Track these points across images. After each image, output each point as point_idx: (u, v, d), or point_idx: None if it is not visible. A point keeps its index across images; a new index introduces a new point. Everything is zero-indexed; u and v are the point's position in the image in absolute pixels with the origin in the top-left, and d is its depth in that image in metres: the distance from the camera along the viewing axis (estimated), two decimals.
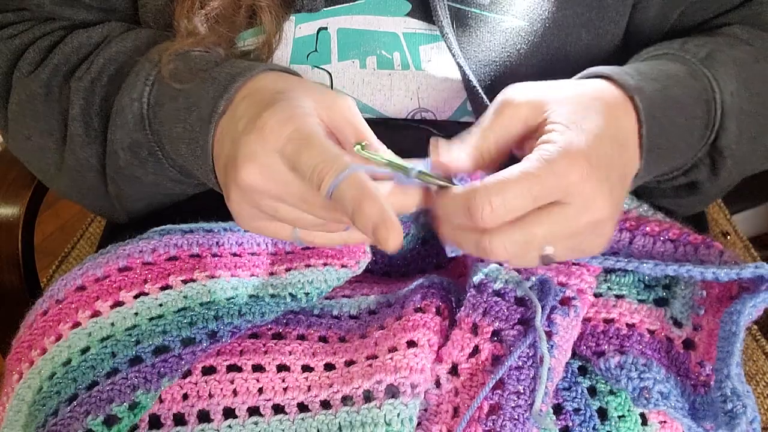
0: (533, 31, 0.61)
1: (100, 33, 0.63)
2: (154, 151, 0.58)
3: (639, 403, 0.49)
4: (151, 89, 0.57)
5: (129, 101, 0.57)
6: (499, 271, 0.52)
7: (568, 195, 0.45)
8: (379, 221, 0.43)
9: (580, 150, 0.46)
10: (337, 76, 0.63)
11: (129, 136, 0.58)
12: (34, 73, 0.62)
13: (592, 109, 0.49)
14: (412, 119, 0.65)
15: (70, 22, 0.66)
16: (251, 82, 0.52)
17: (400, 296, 0.55)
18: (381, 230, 0.43)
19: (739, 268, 0.49)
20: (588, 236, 0.48)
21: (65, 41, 0.63)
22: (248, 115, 0.49)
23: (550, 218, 0.46)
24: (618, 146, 0.49)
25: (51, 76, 0.61)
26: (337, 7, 0.62)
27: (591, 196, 0.46)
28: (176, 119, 0.54)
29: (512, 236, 0.45)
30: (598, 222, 0.47)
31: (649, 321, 0.52)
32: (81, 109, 0.59)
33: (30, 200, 0.81)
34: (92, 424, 0.47)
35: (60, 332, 0.52)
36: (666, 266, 0.51)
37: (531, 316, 0.50)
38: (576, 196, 0.46)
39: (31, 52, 0.63)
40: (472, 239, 0.47)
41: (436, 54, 0.62)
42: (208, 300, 0.53)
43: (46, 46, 0.63)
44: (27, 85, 0.62)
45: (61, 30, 0.65)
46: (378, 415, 0.46)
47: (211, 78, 0.53)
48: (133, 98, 0.57)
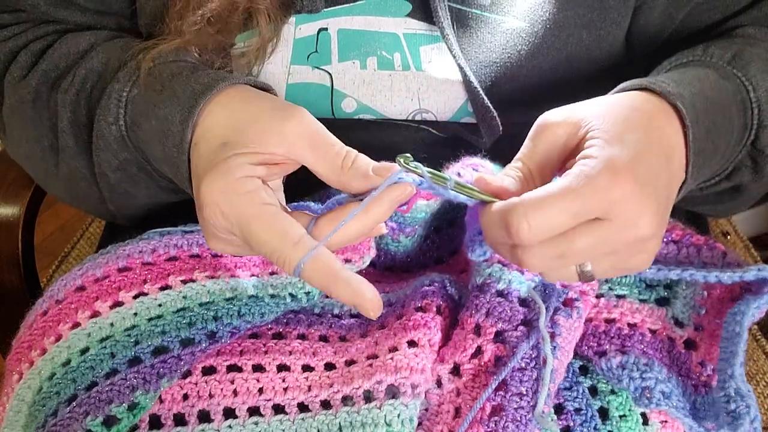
0: (534, 32, 0.61)
1: (87, 41, 0.63)
2: (144, 166, 0.58)
3: (640, 403, 0.49)
4: (125, 111, 0.56)
5: (106, 125, 0.57)
6: (502, 272, 0.52)
7: (610, 212, 0.43)
8: (352, 300, 0.45)
9: (624, 164, 0.43)
10: (338, 76, 0.63)
11: (115, 157, 0.58)
12: (25, 78, 0.62)
13: (633, 122, 0.47)
14: (413, 120, 0.65)
15: (64, 26, 0.65)
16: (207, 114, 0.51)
17: (401, 295, 0.55)
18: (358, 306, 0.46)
19: (742, 271, 0.49)
20: (631, 254, 0.45)
21: (54, 47, 0.62)
22: (196, 177, 0.49)
23: (590, 235, 0.44)
24: (664, 158, 0.47)
25: (39, 82, 0.61)
26: (338, 7, 0.62)
27: (635, 213, 0.44)
28: (155, 141, 0.54)
29: (547, 251, 0.44)
30: (642, 239, 0.44)
31: (651, 321, 0.52)
32: (69, 122, 0.59)
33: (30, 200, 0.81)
34: (91, 425, 0.47)
35: (60, 332, 0.52)
36: (669, 270, 0.51)
37: (534, 317, 0.50)
38: (619, 213, 0.43)
39: (23, 55, 0.63)
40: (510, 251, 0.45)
41: (437, 55, 0.62)
42: (208, 300, 0.53)
43: (37, 50, 0.63)
44: (17, 90, 0.62)
45: (54, 34, 0.64)
46: (378, 415, 0.46)
47: (176, 97, 0.53)
48: (110, 122, 0.56)
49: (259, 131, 0.48)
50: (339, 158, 0.47)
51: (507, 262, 0.54)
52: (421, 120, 0.65)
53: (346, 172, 0.47)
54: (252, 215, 0.46)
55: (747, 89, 0.55)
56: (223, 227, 0.47)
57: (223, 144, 0.48)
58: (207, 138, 0.50)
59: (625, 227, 0.44)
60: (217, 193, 0.46)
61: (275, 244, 0.45)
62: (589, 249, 0.44)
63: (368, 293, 0.46)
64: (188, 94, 0.52)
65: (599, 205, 0.43)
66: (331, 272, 0.45)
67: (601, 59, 0.64)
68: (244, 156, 0.47)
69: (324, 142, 0.48)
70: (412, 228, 0.58)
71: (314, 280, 0.45)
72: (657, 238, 0.45)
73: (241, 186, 0.46)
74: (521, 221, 0.42)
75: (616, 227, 0.44)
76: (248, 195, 0.46)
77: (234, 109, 0.51)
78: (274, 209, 0.47)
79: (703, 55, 0.58)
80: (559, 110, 0.49)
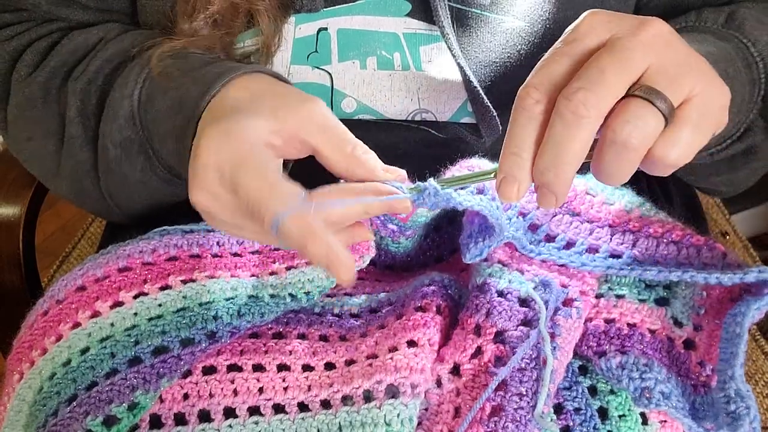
0: (534, 31, 0.61)
1: (96, 35, 0.63)
2: (145, 149, 0.58)
3: (640, 403, 0.49)
4: (142, 86, 0.57)
5: (120, 97, 0.57)
6: (502, 272, 0.52)
7: (607, 32, 0.40)
8: (325, 259, 0.43)
9: (654, 20, 0.40)
10: (338, 76, 0.63)
11: (120, 132, 0.58)
12: (32, 75, 0.62)
13: None
14: (413, 120, 0.65)
15: (68, 24, 0.66)
16: (228, 87, 0.51)
17: (401, 295, 0.55)
18: (331, 269, 0.43)
19: (742, 273, 0.49)
20: (675, 57, 0.40)
21: (62, 43, 0.63)
22: (198, 133, 0.49)
23: (609, 50, 0.39)
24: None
25: (48, 78, 0.62)
26: (337, 7, 0.62)
27: (634, 20, 0.40)
28: (165, 116, 0.55)
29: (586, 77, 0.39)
30: (664, 35, 0.40)
31: (650, 321, 0.52)
32: (78, 110, 0.60)
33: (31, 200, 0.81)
34: (91, 425, 0.47)
35: (60, 332, 0.52)
36: (670, 272, 0.51)
37: (534, 318, 0.50)
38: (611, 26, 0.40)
39: (29, 54, 0.63)
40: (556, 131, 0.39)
41: (437, 54, 0.62)
42: (208, 300, 0.53)
43: (43, 48, 0.63)
44: (25, 87, 0.62)
45: (58, 32, 0.65)
46: (378, 415, 0.46)
47: (200, 76, 0.53)
48: (125, 95, 0.57)
49: (275, 105, 0.48)
50: (348, 144, 0.47)
51: (507, 262, 0.54)
52: (421, 120, 0.65)
53: (353, 157, 0.47)
54: (246, 160, 0.45)
55: (746, 46, 0.54)
56: (214, 173, 0.45)
57: (236, 108, 0.48)
58: (222, 104, 0.50)
59: (632, 30, 0.40)
60: (218, 135, 0.46)
61: (262, 192, 0.44)
62: (621, 60, 0.39)
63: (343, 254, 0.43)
64: (211, 74, 0.53)
65: (586, 31, 0.40)
66: (310, 229, 0.43)
67: None
68: (256, 118, 0.47)
69: (335, 128, 0.48)
70: (413, 230, 0.58)
71: (291, 234, 0.43)
72: (672, 33, 0.41)
73: (242, 133, 0.46)
74: (525, 89, 0.40)
75: (625, 35, 0.40)
76: (248, 142, 0.46)
77: (253, 88, 0.51)
78: (270, 161, 0.46)
79: (696, 20, 0.58)
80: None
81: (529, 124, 0.40)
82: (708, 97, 0.40)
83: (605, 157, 0.40)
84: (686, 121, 0.39)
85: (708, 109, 0.40)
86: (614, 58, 0.39)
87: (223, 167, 0.45)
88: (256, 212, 0.44)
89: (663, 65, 0.39)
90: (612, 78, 0.38)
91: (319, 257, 0.43)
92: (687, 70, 0.40)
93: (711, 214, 0.99)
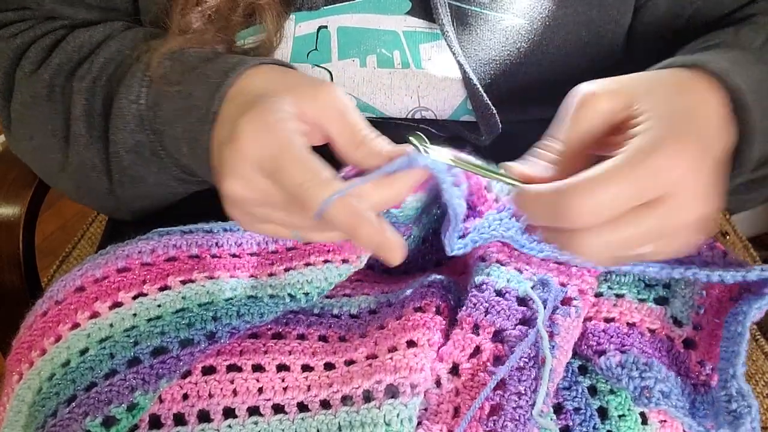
0: (533, 29, 0.61)
1: (101, 32, 0.63)
2: (157, 151, 0.58)
3: (640, 402, 0.49)
4: (147, 90, 0.57)
5: (127, 103, 0.57)
6: (500, 271, 0.52)
7: (670, 191, 0.41)
8: (378, 243, 0.44)
9: (681, 140, 0.42)
10: (338, 74, 0.63)
11: (131, 137, 0.58)
12: (37, 72, 0.62)
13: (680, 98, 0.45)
14: (412, 118, 0.65)
15: (71, 22, 0.66)
16: (242, 79, 0.52)
17: (400, 295, 0.55)
18: (383, 251, 0.45)
19: (745, 272, 0.49)
20: (688, 233, 0.43)
21: (67, 40, 0.63)
22: (229, 122, 0.49)
23: (652, 216, 0.41)
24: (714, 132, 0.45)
25: (53, 75, 0.61)
26: (337, 5, 0.62)
27: (697, 191, 0.42)
28: (176, 119, 0.54)
29: (608, 237, 0.41)
30: (702, 217, 0.42)
31: (650, 320, 0.52)
32: (83, 109, 0.59)
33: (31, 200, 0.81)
34: (90, 426, 0.47)
35: (59, 333, 0.52)
36: (672, 269, 0.50)
37: (532, 317, 0.50)
38: (680, 191, 0.41)
39: (33, 50, 0.63)
40: (561, 238, 0.43)
41: (437, 52, 0.62)
42: (207, 301, 0.53)
43: (48, 45, 0.63)
44: (30, 84, 0.62)
45: (62, 29, 0.65)
46: (378, 415, 0.46)
47: (204, 75, 0.53)
48: (131, 100, 0.57)
49: (294, 93, 0.48)
50: (359, 135, 0.47)
51: (506, 261, 0.54)
52: (421, 118, 0.65)
53: (361, 149, 0.47)
54: (288, 146, 0.45)
55: None
56: (254, 159, 0.45)
57: (261, 95, 0.48)
58: (243, 93, 0.50)
59: (688, 206, 0.42)
60: (257, 123, 0.46)
61: (306, 176, 0.44)
62: (651, 232, 0.42)
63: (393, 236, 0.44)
64: (216, 71, 0.52)
65: (659, 184, 0.41)
66: (357, 212, 0.44)
67: (600, 57, 0.64)
68: (286, 105, 0.47)
69: (351, 117, 0.48)
70: (407, 227, 0.58)
71: (340, 217, 0.44)
72: (711, 216, 0.43)
73: (281, 120, 0.46)
74: (578, 205, 0.40)
75: (678, 206, 0.41)
76: (287, 129, 0.46)
77: (268, 78, 0.51)
78: (308, 148, 0.46)
79: (734, 35, 0.57)
80: (602, 83, 0.46)
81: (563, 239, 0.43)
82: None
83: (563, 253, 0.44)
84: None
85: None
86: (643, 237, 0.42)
87: (263, 154, 0.45)
88: (300, 198, 0.44)
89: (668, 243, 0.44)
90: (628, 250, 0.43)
91: (370, 240, 0.44)
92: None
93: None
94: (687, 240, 0.44)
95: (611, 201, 0.40)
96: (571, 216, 0.40)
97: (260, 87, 0.50)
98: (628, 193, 0.41)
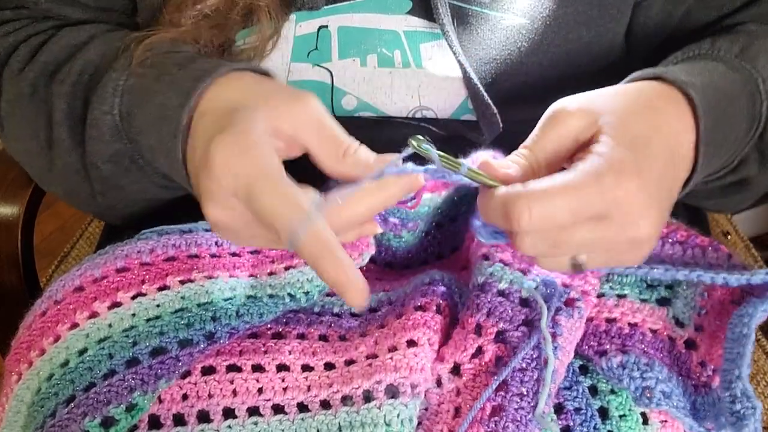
0: (534, 29, 0.61)
1: (87, 33, 0.62)
2: (136, 159, 0.57)
3: (641, 403, 0.48)
4: (121, 99, 0.55)
5: (101, 114, 0.56)
6: (503, 272, 0.52)
7: (612, 211, 0.43)
8: (337, 282, 0.43)
9: (630, 166, 0.44)
10: (338, 74, 0.63)
11: (108, 147, 0.57)
12: (23, 71, 0.61)
13: (643, 119, 0.47)
14: (413, 117, 0.65)
15: (66, 22, 0.65)
16: (213, 88, 0.50)
17: (401, 294, 0.54)
18: (341, 290, 0.43)
19: (749, 274, 0.49)
20: (626, 251, 0.46)
21: (53, 40, 0.62)
22: (203, 142, 0.47)
23: (589, 231, 0.44)
24: (670, 155, 0.47)
25: (37, 75, 0.61)
26: (338, 5, 0.61)
27: (637, 215, 0.44)
28: (150, 129, 0.53)
29: (543, 240, 0.44)
30: (640, 240, 0.45)
31: (652, 320, 0.52)
32: (64, 114, 0.59)
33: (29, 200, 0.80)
34: (89, 426, 0.47)
35: (58, 333, 0.52)
36: (677, 271, 0.50)
37: (535, 318, 0.49)
38: (620, 213, 0.43)
39: (22, 49, 0.62)
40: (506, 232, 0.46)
41: (437, 52, 0.62)
42: (206, 301, 0.52)
43: (37, 44, 0.63)
44: (15, 84, 0.61)
45: (54, 29, 0.64)
46: (378, 415, 0.46)
47: (174, 84, 0.52)
48: (104, 111, 0.56)
49: (269, 108, 0.47)
50: (341, 148, 0.47)
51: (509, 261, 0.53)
52: (422, 117, 0.65)
53: (346, 161, 0.47)
54: (261, 174, 0.44)
55: (756, 81, 0.55)
56: (228, 186, 0.45)
57: (234, 109, 0.47)
58: (215, 106, 0.49)
59: (625, 227, 0.44)
60: (230, 147, 0.45)
61: (279, 208, 0.43)
62: (586, 244, 0.44)
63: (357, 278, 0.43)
64: (187, 79, 0.51)
65: (602, 205, 0.43)
66: (327, 246, 0.43)
67: (601, 56, 0.64)
68: (258, 122, 0.46)
69: (330, 129, 0.47)
70: (414, 223, 0.58)
71: (309, 250, 0.43)
72: (653, 240, 0.46)
73: (254, 144, 0.45)
74: (523, 211, 0.43)
75: (616, 227, 0.44)
76: (260, 153, 0.45)
77: (241, 88, 0.50)
78: (283, 174, 0.45)
79: (711, 48, 0.58)
80: (575, 99, 0.49)
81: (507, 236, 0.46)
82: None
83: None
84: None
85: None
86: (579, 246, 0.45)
87: (237, 182, 0.44)
88: (273, 227, 0.43)
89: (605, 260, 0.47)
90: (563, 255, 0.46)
91: (329, 277, 0.43)
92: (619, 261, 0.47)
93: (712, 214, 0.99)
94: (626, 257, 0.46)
95: (553, 212, 0.43)
96: (517, 220, 0.43)
97: (233, 99, 0.49)
98: (570, 207, 0.43)
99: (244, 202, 0.44)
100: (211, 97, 0.50)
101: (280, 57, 0.62)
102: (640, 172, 0.44)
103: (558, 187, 0.43)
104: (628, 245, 0.45)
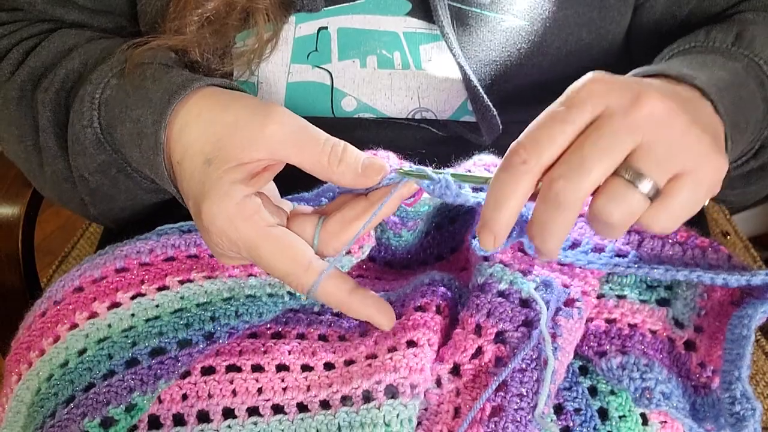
0: (534, 30, 0.61)
1: (74, 39, 0.62)
2: (123, 167, 0.57)
3: (640, 404, 0.48)
4: (98, 113, 0.55)
5: (80, 128, 0.56)
6: (503, 272, 0.52)
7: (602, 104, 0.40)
8: (368, 316, 0.49)
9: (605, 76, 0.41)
10: (338, 75, 0.63)
11: (93, 160, 0.57)
12: (14, 75, 0.61)
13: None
14: (413, 119, 0.65)
15: (61, 25, 0.65)
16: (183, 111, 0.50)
17: (400, 294, 0.55)
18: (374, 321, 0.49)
19: (750, 275, 0.49)
20: (667, 137, 0.40)
21: (42, 44, 0.62)
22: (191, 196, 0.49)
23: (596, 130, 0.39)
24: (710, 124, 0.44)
25: (25, 80, 0.61)
26: (338, 6, 0.62)
27: (628, 93, 0.40)
28: (131, 143, 0.54)
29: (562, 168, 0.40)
30: (657, 114, 0.40)
31: (651, 321, 0.52)
32: (49, 122, 0.58)
33: (30, 199, 0.81)
34: (89, 426, 0.47)
35: (58, 333, 0.52)
36: (677, 272, 0.50)
37: (535, 318, 0.49)
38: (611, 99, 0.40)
39: (14, 53, 0.62)
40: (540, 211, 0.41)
41: (437, 53, 0.62)
42: (205, 301, 0.52)
43: (29, 48, 0.62)
44: (4, 88, 0.61)
45: (48, 32, 0.64)
46: (377, 415, 0.46)
47: (147, 99, 0.52)
48: (84, 125, 0.55)
49: (240, 141, 0.47)
50: (325, 155, 0.47)
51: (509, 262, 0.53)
52: (421, 119, 0.65)
53: (335, 168, 0.47)
54: (259, 240, 0.47)
55: (758, 64, 0.54)
56: (230, 249, 0.48)
57: (207, 161, 0.48)
58: (190, 155, 0.49)
59: (625, 108, 0.40)
60: (221, 220, 0.46)
61: (286, 268, 0.47)
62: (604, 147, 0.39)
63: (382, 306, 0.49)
64: (160, 95, 0.51)
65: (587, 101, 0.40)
66: (344, 291, 0.48)
67: (600, 57, 0.64)
68: (234, 172, 0.47)
69: (308, 139, 0.47)
70: (414, 222, 0.58)
71: (329, 299, 0.48)
72: (674, 110, 0.40)
73: (242, 210, 0.46)
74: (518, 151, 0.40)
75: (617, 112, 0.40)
76: (252, 219, 0.46)
77: (210, 119, 0.50)
78: (280, 231, 0.47)
79: (705, 39, 0.57)
80: None
81: (511, 182, 0.41)
82: (700, 175, 0.40)
83: (593, 226, 0.41)
84: (673, 199, 0.40)
85: (698, 186, 0.41)
86: (598, 146, 0.39)
87: (237, 244, 0.47)
88: (288, 283, 0.48)
89: (651, 146, 0.39)
90: (593, 167, 0.39)
91: (360, 315, 0.49)
92: (678, 150, 0.40)
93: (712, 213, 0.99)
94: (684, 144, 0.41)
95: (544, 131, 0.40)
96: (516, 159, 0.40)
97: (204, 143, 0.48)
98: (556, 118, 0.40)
99: (249, 258, 0.48)
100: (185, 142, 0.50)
101: (280, 58, 0.62)
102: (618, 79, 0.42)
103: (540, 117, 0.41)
104: (655, 126, 0.40)
